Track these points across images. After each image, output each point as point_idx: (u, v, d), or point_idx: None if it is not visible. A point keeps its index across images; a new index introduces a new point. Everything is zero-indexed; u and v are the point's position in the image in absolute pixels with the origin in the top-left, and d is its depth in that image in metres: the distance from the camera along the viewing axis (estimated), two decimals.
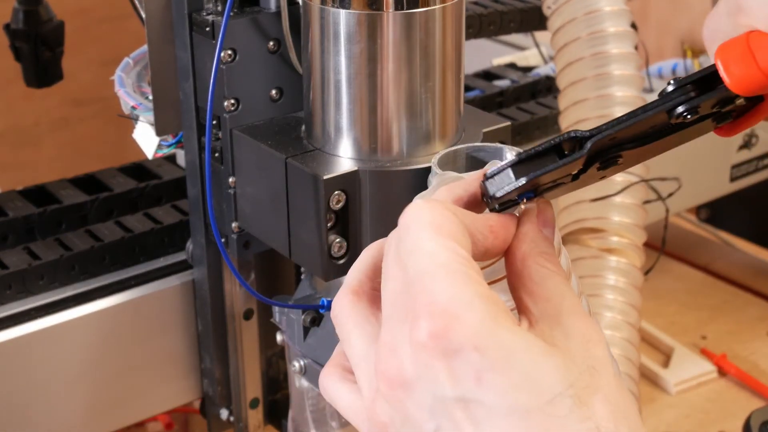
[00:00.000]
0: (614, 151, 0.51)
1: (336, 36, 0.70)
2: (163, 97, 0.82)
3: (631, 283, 0.86)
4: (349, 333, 0.50)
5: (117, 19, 1.87)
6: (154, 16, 0.80)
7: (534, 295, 0.48)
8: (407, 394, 0.45)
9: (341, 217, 0.71)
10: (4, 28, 1.06)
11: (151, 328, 0.91)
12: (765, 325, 1.19)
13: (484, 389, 0.43)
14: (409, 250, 0.46)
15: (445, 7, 0.71)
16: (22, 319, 0.85)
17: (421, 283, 0.45)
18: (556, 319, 0.47)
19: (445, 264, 0.45)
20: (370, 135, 0.72)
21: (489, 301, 0.44)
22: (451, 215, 0.47)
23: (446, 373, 0.44)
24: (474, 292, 0.44)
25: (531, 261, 0.49)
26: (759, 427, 0.92)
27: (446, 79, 0.73)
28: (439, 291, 0.44)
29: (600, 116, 0.86)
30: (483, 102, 1.13)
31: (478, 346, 0.43)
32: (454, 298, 0.44)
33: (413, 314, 0.45)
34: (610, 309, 0.84)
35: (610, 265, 0.86)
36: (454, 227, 0.47)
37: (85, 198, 0.96)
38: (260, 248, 0.84)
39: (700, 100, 0.50)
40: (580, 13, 0.87)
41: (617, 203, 0.87)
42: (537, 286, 0.48)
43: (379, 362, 0.46)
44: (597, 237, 0.87)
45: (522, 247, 0.50)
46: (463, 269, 0.45)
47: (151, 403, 0.94)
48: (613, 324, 0.84)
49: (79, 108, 1.93)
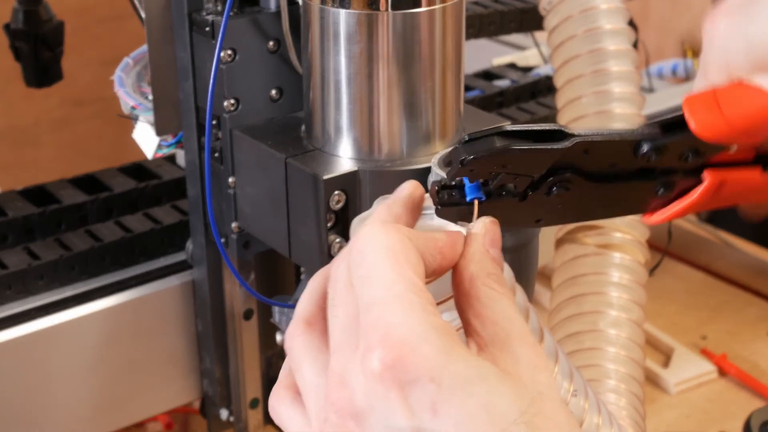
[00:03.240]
0: (570, 175, 0.52)
1: (336, 36, 0.70)
2: (163, 97, 0.82)
3: (636, 280, 0.86)
4: (300, 363, 0.49)
5: (117, 19, 1.87)
6: (154, 16, 0.80)
7: (482, 318, 0.47)
8: (358, 424, 0.44)
9: (341, 217, 0.71)
10: (4, 28, 1.06)
11: (151, 328, 0.91)
12: (765, 325, 1.19)
13: (440, 420, 0.43)
14: (363, 277, 0.45)
15: (445, 7, 0.71)
16: (22, 319, 0.85)
17: (374, 312, 0.44)
18: (506, 343, 0.47)
19: (400, 294, 0.44)
20: (370, 135, 0.72)
21: (444, 333, 0.44)
22: (406, 241, 0.46)
23: (401, 404, 0.43)
24: (429, 323, 0.44)
25: (479, 282, 0.48)
26: (759, 427, 0.92)
27: (446, 79, 0.73)
28: (394, 321, 0.44)
29: (598, 112, 0.86)
30: (483, 102, 1.13)
31: (434, 377, 0.43)
32: (410, 329, 0.43)
33: (366, 343, 0.44)
34: (614, 307, 0.84)
35: (614, 261, 0.86)
36: (410, 253, 0.46)
37: (85, 198, 0.96)
38: (260, 248, 0.84)
39: (666, 140, 0.52)
40: (576, 10, 0.87)
41: None
42: (485, 309, 0.48)
43: (329, 392, 0.45)
44: (595, 234, 0.86)
45: (470, 267, 0.49)
46: (417, 300, 0.44)
47: (151, 403, 0.94)
48: (618, 323, 0.84)
49: (79, 108, 1.93)
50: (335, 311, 0.47)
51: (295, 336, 0.50)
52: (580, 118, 0.87)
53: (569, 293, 0.84)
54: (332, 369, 0.46)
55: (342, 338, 0.46)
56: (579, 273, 0.86)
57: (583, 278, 0.85)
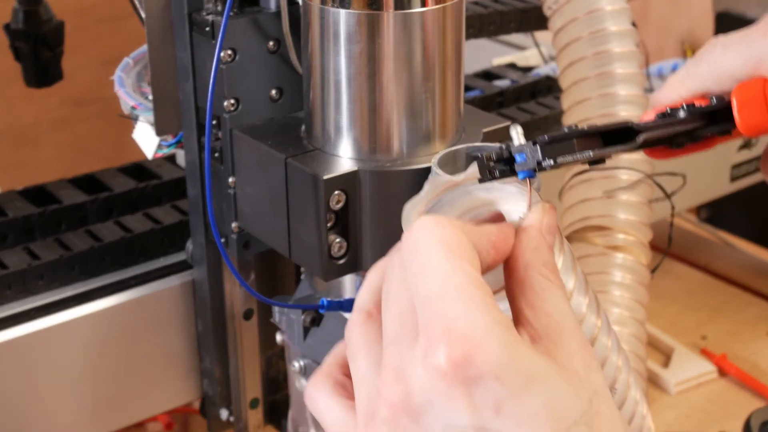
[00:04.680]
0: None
1: (336, 36, 0.70)
2: (163, 97, 0.82)
3: (638, 280, 0.87)
4: (356, 353, 0.48)
5: (117, 19, 1.87)
6: (154, 16, 0.80)
7: (536, 309, 0.47)
8: (414, 420, 0.44)
9: (341, 217, 0.71)
10: (4, 28, 1.06)
11: (151, 328, 0.91)
12: (765, 325, 1.19)
13: (503, 419, 0.42)
14: (419, 272, 0.44)
15: (445, 7, 0.71)
16: (22, 319, 0.85)
17: (434, 306, 0.43)
18: (560, 338, 0.46)
19: (460, 287, 0.44)
20: (370, 135, 0.72)
21: (506, 328, 0.43)
22: (461, 233, 0.46)
23: (465, 402, 0.42)
24: (492, 317, 0.43)
25: (533, 271, 0.48)
26: (759, 427, 0.92)
27: (446, 79, 0.73)
28: (457, 315, 0.43)
29: (603, 115, 0.86)
30: (483, 102, 1.13)
31: (498, 374, 0.42)
32: (474, 324, 0.43)
33: (428, 339, 0.43)
34: (617, 305, 0.85)
35: (617, 262, 0.86)
36: (465, 246, 0.45)
37: (84, 198, 0.96)
38: (260, 248, 0.84)
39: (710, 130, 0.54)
40: (581, 12, 0.87)
41: (623, 201, 0.87)
42: (539, 299, 0.47)
43: (383, 386, 0.44)
44: (603, 235, 0.87)
45: (526, 255, 0.48)
46: (478, 293, 0.44)
47: (151, 403, 0.94)
48: (620, 320, 0.84)
49: (79, 108, 1.93)
50: (388, 305, 0.46)
51: (354, 327, 0.49)
52: (586, 119, 0.87)
53: None
54: (386, 363, 0.45)
55: (396, 333, 0.45)
56: (588, 272, 0.86)
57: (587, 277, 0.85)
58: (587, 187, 0.88)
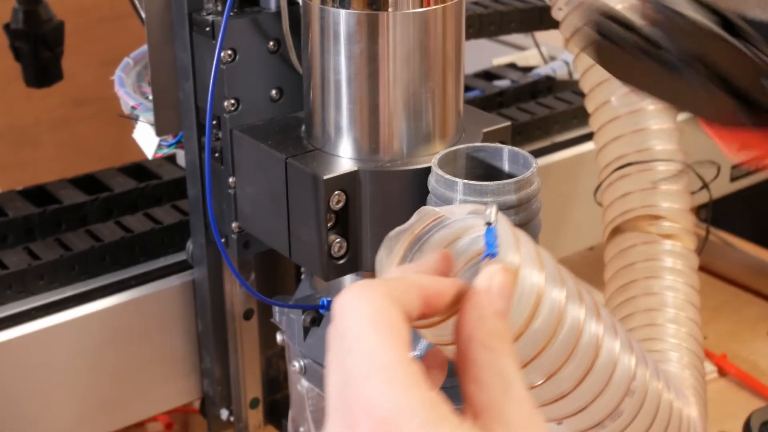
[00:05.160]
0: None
1: (336, 36, 0.70)
2: (163, 97, 0.82)
3: (689, 266, 0.87)
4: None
5: (117, 19, 1.87)
6: (154, 16, 0.80)
7: (477, 382, 0.46)
8: None
9: (341, 217, 0.71)
10: (4, 28, 1.06)
11: (151, 328, 0.91)
12: (765, 325, 1.19)
13: None
14: (347, 351, 0.44)
15: (445, 7, 0.71)
16: (22, 319, 0.85)
17: (359, 386, 0.43)
18: (499, 413, 0.45)
19: (385, 367, 0.43)
20: (370, 135, 0.72)
21: (429, 406, 0.42)
22: (388, 305, 0.45)
23: None
24: (417, 399, 0.42)
25: (475, 344, 0.46)
26: (759, 427, 0.92)
27: (446, 79, 0.73)
28: (379, 398, 0.42)
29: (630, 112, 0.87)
30: (483, 102, 1.13)
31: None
32: (396, 406, 0.42)
33: (351, 419, 0.43)
34: (672, 290, 0.85)
35: (666, 248, 0.87)
36: (393, 321, 0.44)
37: (85, 198, 0.96)
38: (260, 248, 0.84)
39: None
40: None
41: (665, 190, 0.87)
42: (481, 372, 0.46)
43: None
44: (653, 223, 0.87)
45: (468, 327, 0.47)
46: (403, 373, 0.43)
47: (151, 403, 0.94)
48: (675, 304, 0.85)
49: (79, 108, 1.93)
50: (330, 376, 0.45)
51: None
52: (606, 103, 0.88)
53: (623, 280, 0.85)
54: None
55: (334, 407, 0.44)
56: (631, 261, 0.86)
57: (638, 266, 0.85)
58: (626, 182, 0.88)
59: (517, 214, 0.66)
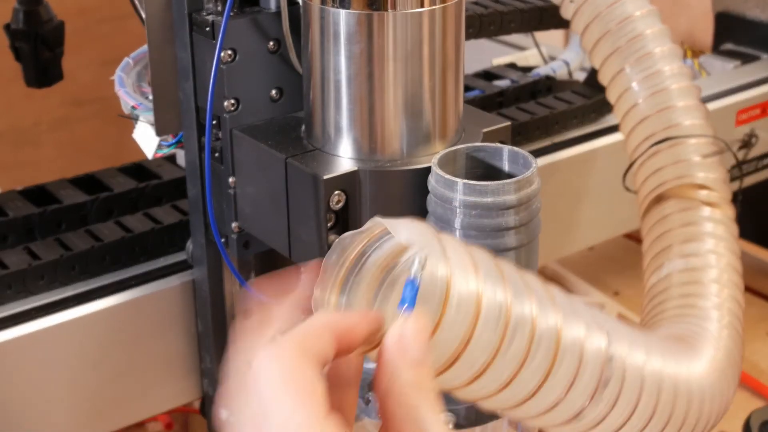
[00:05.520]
0: None
1: (336, 36, 0.70)
2: (163, 97, 0.82)
3: (730, 233, 0.87)
4: None
5: (117, 19, 1.87)
6: (154, 16, 0.80)
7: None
8: None
9: (341, 217, 0.71)
10: (4, 28, 1.06)
11: (151, 328, 0.91)
12: (765, 325, 1.19)
13: None
14: (264, 412, 0.45)
15: (445, 7, 0.71)
16: (22, 319, 0.85)
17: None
18: None
19: (300, 426, 0.44)
20: (370, 135, 0.72)
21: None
22: (300, 364, 0.45)
23: None
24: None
25: (391, 399, 0.47)
26: (759, 427, 0.92)
27: (446, 79, 0.73)
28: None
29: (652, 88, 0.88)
30: (483, 102, 1.13)
31: None
32: None
33: None
34: (714, 253, 0.85)
35: (706, 215, 0.87)
36: (308, 378, 0.45)
37: (85, 198, 0.96)
38: (260, 248, 0.84)
39: None
40: (603, 7, 0.88)
41: (699, 162, 0.87)
42: (400, 424, 0.46)
43: None
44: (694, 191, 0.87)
45: (383, 383, 0.47)
46: (320, 429, 0.44)
47: (151, 403, 0.94)
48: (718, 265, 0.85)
49: (79, 108, 1.94)
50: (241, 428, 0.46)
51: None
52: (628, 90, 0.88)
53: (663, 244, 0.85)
54: None
55: None
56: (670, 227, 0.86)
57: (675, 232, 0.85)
58: (660, 157, 0.88)
59: (517, 214, 0.66)
